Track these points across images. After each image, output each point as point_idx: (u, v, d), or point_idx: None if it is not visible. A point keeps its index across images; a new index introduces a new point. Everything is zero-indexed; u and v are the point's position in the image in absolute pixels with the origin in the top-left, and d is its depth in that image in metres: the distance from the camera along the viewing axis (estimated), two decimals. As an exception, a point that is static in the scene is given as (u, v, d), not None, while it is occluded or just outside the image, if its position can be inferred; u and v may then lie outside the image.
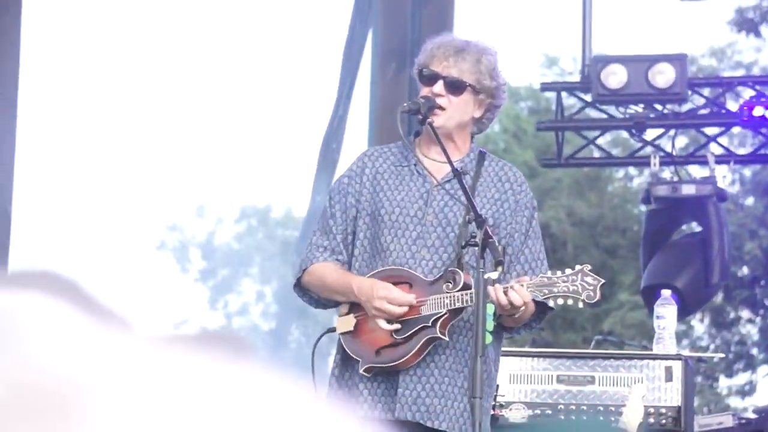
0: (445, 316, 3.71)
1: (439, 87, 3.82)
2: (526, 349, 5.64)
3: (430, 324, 3.71)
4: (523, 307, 3.60)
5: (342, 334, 3.85)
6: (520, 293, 3.57)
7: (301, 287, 3.95)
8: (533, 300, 3.73)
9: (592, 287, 3.67)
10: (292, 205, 24.82)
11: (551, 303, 3.75)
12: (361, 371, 3.77)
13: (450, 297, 3.69)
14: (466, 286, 3.67)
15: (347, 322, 3.84)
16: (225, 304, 24.67)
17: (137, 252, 24.69)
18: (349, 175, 3.94)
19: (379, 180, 3.89)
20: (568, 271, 3.69)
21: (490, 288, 3.59)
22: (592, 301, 3.68)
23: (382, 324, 3.74)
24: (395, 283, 3.77)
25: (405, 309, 3.73)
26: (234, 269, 24.73)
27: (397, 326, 3.74)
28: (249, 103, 31.62)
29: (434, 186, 3.85)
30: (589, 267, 3.73)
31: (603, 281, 3.70)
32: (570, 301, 3.67)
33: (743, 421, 5.86)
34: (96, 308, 0.63)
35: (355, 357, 3.81)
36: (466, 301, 3.67)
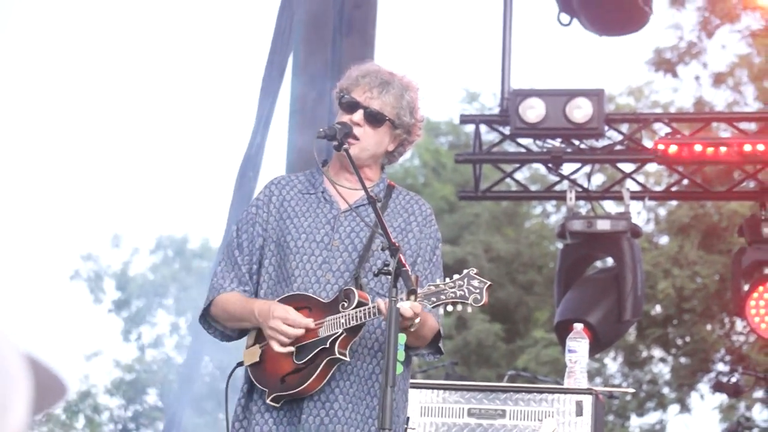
0: (343, 335, 3.67)
1: (358, 116, 3.82)
2: (438, 381, 5.58)
3: (327, 345, 3.68)
4: (417, 319, 3.56)
5: (249, 365, 3.82)
6: (410, 304, 3.53)
7: (207, 320, 3.93)
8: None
9: (478, 290, 3.61)
10: (210, 235, 24.60)
11: (441, 311, 3.72)
12: (268, 401, 3.73)
13: (345, 316, 3.67)
14: (360, 304, 3.65)
15: (253, 353, 3.81)
16: (138, 336, 24.32)
17: (50, 281, 24.32)
18: (256, 204, 3.93)
19: (286, 207, 3.89)
20: (456, 276, 3.65)
21: (379, 300, 3.59)
22: (479, 305, 3.62)
23: (276, 347, 3.69)
24: (296, 309, 3.73)
25: (300, 331, 3.70)
26: (149, 300, 24.42)
27: (291, 349, 3.72)
28: (167, 132, 31.37)
29: (341, 212, 3.85)
30: (475, 270, 3.68)
31: (489, 283, 3.65)
32: (459, 307, 3.63)
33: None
34: None
35: (261, 387, 3.76)
36: (360, 318, 3.65)
